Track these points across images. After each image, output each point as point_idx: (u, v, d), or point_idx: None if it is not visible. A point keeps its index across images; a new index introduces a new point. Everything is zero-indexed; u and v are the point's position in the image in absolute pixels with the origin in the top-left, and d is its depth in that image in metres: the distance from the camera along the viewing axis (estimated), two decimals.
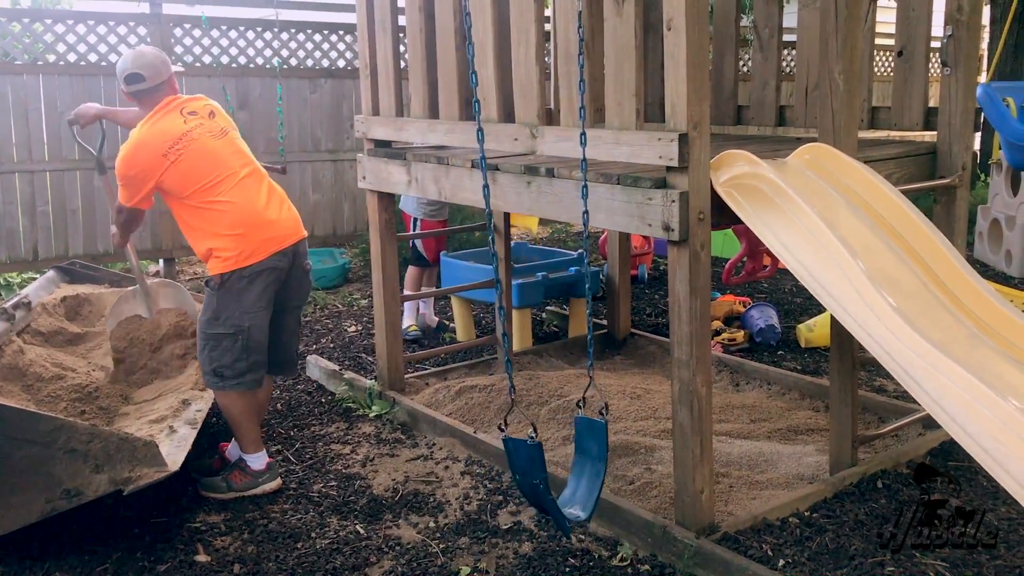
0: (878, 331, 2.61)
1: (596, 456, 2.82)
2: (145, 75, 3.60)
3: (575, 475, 2.86)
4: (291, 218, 3.69)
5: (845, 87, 3.29)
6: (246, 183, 3.59)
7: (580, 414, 2.86)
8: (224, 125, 3.72)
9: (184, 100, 3.70)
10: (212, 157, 3.54)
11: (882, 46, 11.70)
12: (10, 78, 7.01)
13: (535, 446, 2.62)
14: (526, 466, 2.66)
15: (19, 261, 7.21)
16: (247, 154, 3.72)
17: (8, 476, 2.96)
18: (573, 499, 2.79)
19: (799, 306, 6.53)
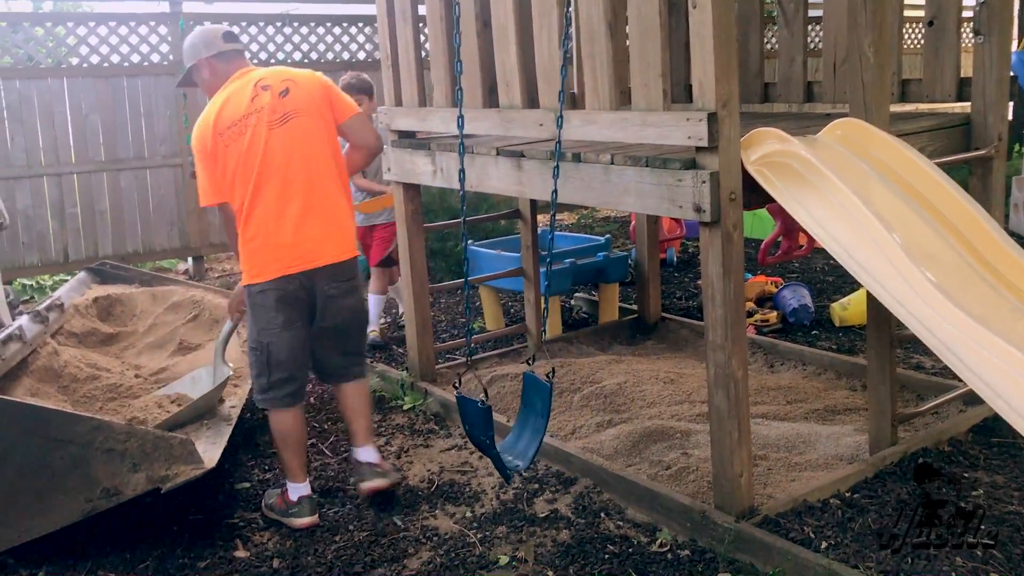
0: (917, 307, 2.56)
1: (539, 412, 2.95)
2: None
3: (518, 427, 3.01)
4: (312, 241, 3.24)
5: (876, 60, 3.22)
6: (275, 188, 3.21)
7: (528, 371, 2.99)
8: (295, 107, 3.26)
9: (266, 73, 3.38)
10: (255, 152, 3.19)
11: (910, 17, 11.53)
12: (35, 82, 7.07)
13: (484, 409, 2.85)
14: (475, 422, 2.90)
15: (50, 264, 7.28)
16: (302, 152, 3.24)
17: (48, 477, 2.99)
18: (514, 449, 2.96)
19: (831, 284, 6.45)
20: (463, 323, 5.97)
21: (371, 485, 3.43)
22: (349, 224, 3.39)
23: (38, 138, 7.13)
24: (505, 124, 3.69)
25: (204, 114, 3.29)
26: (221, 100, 3.27)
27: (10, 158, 7.03)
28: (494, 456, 2.90)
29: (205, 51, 3.38)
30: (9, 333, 3.69)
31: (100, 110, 7.33)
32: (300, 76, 3.37)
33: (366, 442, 3.49)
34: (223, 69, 3.37)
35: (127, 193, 7.51)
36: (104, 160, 7.40)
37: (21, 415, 2.99)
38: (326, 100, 3.36)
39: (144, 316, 4.61)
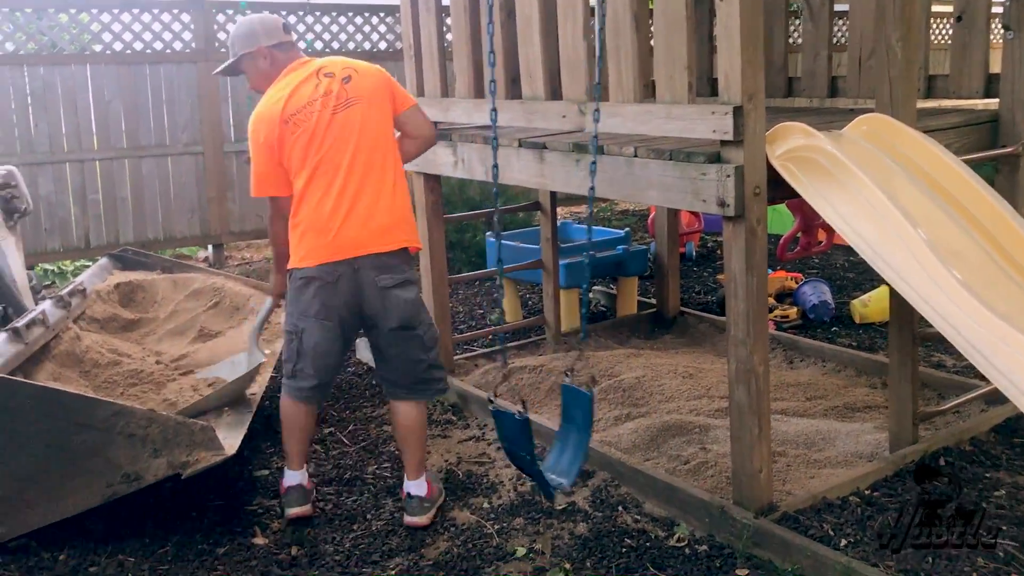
0: (943, 305, 2.54)
1: (581, 426, 2.86)
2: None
3: (559, 442, 2.92)
4: (360, 228, 3.12)
5: (903, 55, 3.19)
6: (328, 175, 3.12)
7: (567, 382, 2.89)
8: (357, 93, 3.19)
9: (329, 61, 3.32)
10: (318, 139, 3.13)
11: (937, 12, 11.42)
12: (58, 68, 7.10)
13: (522, 420, 2.72)
14: (512, 436, 2.78)
15: (72, 249, 7.32)
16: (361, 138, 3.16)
17: (69, 461, 3.01)
18: (557, 465, 2.87)
19: (852, 281, 6.41)
20: (481, 314, 5.97)
21: (411, 520, 3.26)
22: (401, 215, 3.22)
23: (61, 124, 7.16)
24: (527, 115, 3.67)
25: (266, 103, 3.20)
26: (287, 89, 3.18)
27: (33, 144, 7.07)
28: (536, 474, 2.78)
29: (266, 40, 3.29)
30: (32, 318, 3.71)
31: (122, 97, 7.36)
32: (361, 65, 3.31)
33: (414, 476, 3.30)
34: (282, 59, 3.29)
35: (148, 180, 7.54)
36: (126, 147, 7.43)
37: (43, 399, 3.01)
38: (387, 89, 3.30)
39: (165, 303, 4.63)
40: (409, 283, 3.20)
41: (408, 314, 3.18)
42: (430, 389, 3.32)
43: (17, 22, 7.02)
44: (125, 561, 3.08)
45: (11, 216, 4.41)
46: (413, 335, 3.22)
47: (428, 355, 3.26)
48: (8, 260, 4.27)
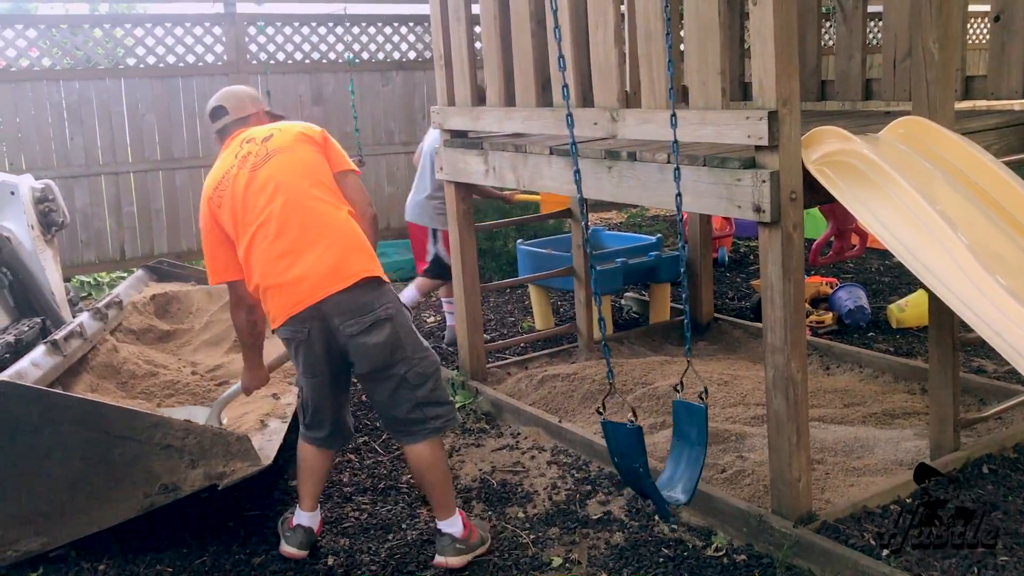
0: (986, 310, 2.50)
1: (695, 440, 2.77)
2: (228, 106, 3.30)
3: (673, 459, 2.82)
4: (311, 274, 2.90)
5: (940, 56, 3.15)
6: (266, 229, 2.96)
7: (678, 398, 2.81)
8: (277, 146, 3.07)
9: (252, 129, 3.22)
10: (239, 200, 3.02)
11: (974, 12, 11.28)
12: (94, 83, 7.21)
13: (635, 430, 2.63)
14: (625, 449, 2.67)
15: (107, 261, 7.42)
16: (287, 181, 3.00)
17: (108, 472, 3.04)
18: (672, 482, 2.76)
19: (888, 285, 6.33)
20: (512, 322, 5.96)
21: (438, 560, 3.07)
22: (350, 244, 2.96)
23: (96, 137, 7.27)
24: (558, 123, 3.66)
25: (202, 194, 3.20)
26: (213, 170, 3.18)
27: (69, 157, 7.18)
28: (650, 487, 2.69)
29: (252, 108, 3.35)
30: (70, 330, 3.76)
31: (156, 110, 7.45)
32: (288, 124, 3.21)
33: (443, 515, 3.09)
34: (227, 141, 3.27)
35: (182, 191, 7.62)
36: (160, 159, 7.52)
37: (82, 411, 3.04)
38: (315, 140, 3.15)
39: (200, 314, 4.67)
40: (380, 323, 2.91)
41: (376, 358, 2.93)
42: (423, 429, 3.01)
43: (53, 38, 7.13)
44: (163, 571, 3.09)
45: (49, 229, 4.47)
46: (388, 375, 2.96)
47: (415, 393, 2.98)
48: (46, 273, 4.33)
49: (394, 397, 3.00)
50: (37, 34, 7.05)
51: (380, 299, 2.94)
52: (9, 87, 6.94)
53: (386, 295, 2.98)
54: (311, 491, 3.20)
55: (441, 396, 3.07)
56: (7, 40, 6.91)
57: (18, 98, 6.98)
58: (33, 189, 4.45)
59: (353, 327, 2.90)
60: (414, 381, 2.98)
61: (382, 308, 2.93)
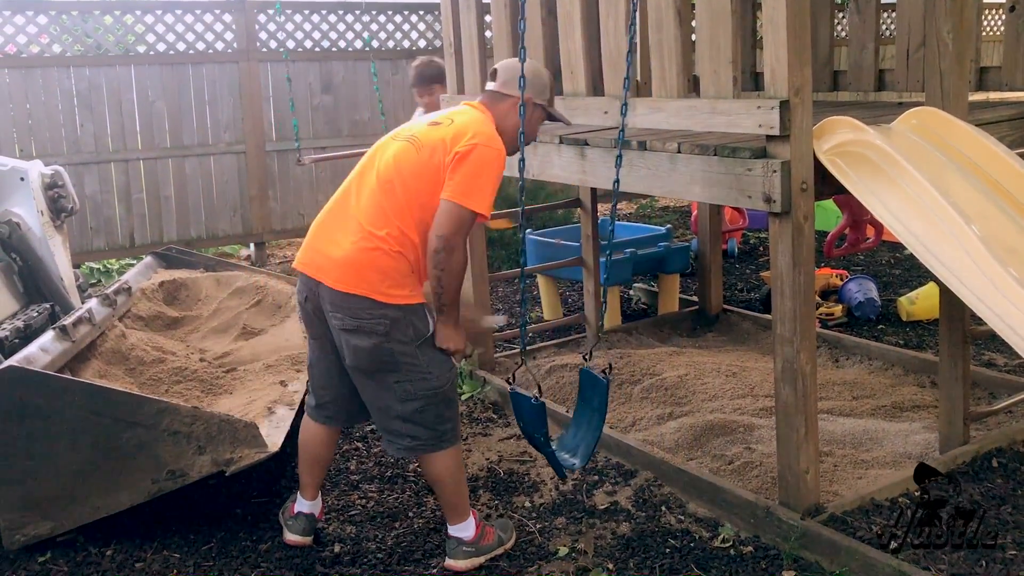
0: (998, 303, 2.48)
1: (596, 408, 2.92)
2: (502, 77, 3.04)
3: (575, 423, 3.00)
4: (319, 252, 2.88)
5: (955, 47, 3.12)
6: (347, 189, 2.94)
7: (585, 366, 2.97)
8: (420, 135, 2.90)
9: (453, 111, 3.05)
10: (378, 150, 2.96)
11: (989, 3, 11.21)
12: (104, 70, 7.21)
13: (539, 405, 2.84)
14: (528, 419, 2.89)
15: (117, 248, 7.43)
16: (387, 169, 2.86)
17: (116, 458, 3.04)
18: (573, 445, 2.94)
19: (898, 278, 6.30)
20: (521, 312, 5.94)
21: (447, 563, 3.03)
22: (369, 265, 2.79)
23: (106, 124, 7.27)
24: (568, 112, 3.63)
25: None
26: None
27: (79, 144, 7.18)
28: (548, 454, 2.90)
29: (538, 97, 3.05)
30: (79, 316, 3.76)
31: (166, 97, 7.45)
32: (462, 123, 2.90)
33: (453, 522, 3.04)
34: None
35: (191, 179, 7.62)
36: (169, 146, 7.52)
37: (91, 397, 3.04)
38: (449, 157, 2.82)
39: (209, 301, 4.67)
40: (367, 334, 2.81)
41: (360, 360, 2.85)
42: (397, 443, 2.94)
43: (63, 24, 7.13)
44: (170, 557, 3.10)
45: (58, 215, 4.47)
46: (374, 377, 2.89)
47: (401, 406, 2.88)
48: (56, 259, 4.33)
49: (379, 397, 2.92)
50: (48, 20, 7.04)
51: (374, 313, 2.80)
52: (20, 73, 6.94)
53: (384, 315, 2.80)
54: (312, 480, 3.18)
55: (427, 420, 2.90)
56: (17, 26, 6.91)
57: (28, 84, 6.99)
58: (43, 175, 4.45)
59: (337, 320, 2.84)
60: (400, 395, 2.88)
61: (373, 321, 2.80)
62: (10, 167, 4.39)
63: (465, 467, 3.68)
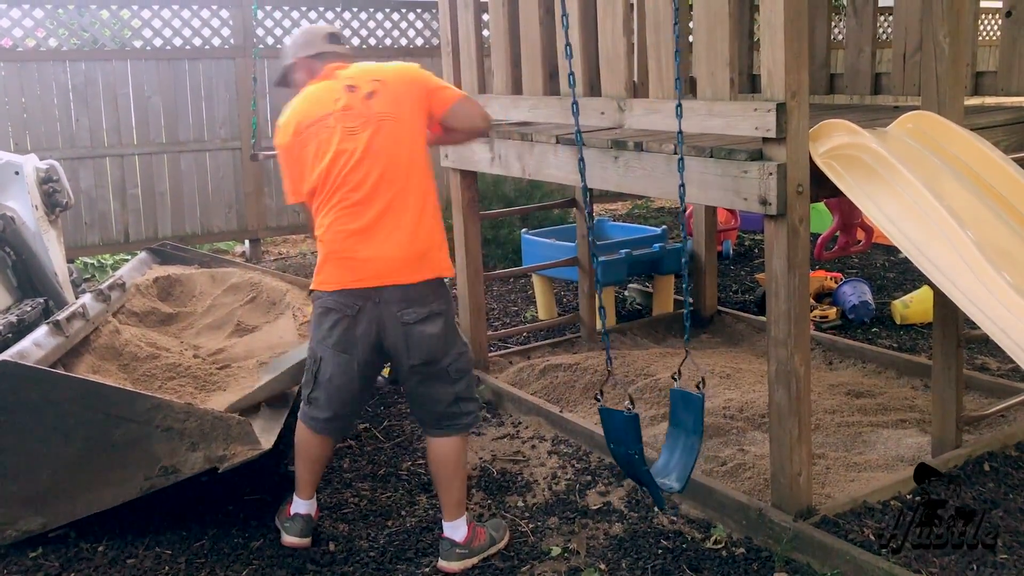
0: (991, 307, 2.49)
1: (691, 429, 2.77)
2: (342, 37, 3.21)
3: (669, 447, 2.83)
4: (379, 259, 2.87)
5: (951, 51, 3.13)
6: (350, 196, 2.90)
7: (676, 386, 2.82)
8: (382, 110, 2.93)
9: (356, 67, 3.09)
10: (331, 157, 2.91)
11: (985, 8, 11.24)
12: (100, 64, 7.18)
13: (631, 417, 2.64)
14: (621, 436, 2.68)
15: (111, 243, 7.41)
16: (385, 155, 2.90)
17: (108, 454, 3.03)
18: (667, 470, 2.78)
19: (892, 281, 6.31)
20: (515, 311, 5.95)
21: (441, 564, 3.01)
22: (429, 242, 2.93)
23: (102, 119, 7.25)
24: (565, 112, 3.64)
25: (287, 111, 3.04)
26: (304, 97, 3.04)
27: (75, 139, 7.16)
28: (644, 474, 2.71)
29: (303, 50, 3.14)
30: (73, 311, 3.74)
31: (162, 92, 7.43)
32: (391, 74, 3.02)
33: (450, 516, 3.05)
34: (319, 69, 3.10)
35: (187, 175, 7.61)
36: (165, 142, 7.50)
37: (84, 392, 3.04)
38: (421, 98, 3.00)
39: (203, 297, 4.66)
40: (435, 316, 2.92)
41: (432, 349, 2.93)
42: (457, 424, 3.02)
43: (60, 18, 7.11)
44: (162, 554, 3.10)
45: (53, 210, 4.45)
46: (437, 369, 2.96)
47: (454, 387, 2.99)
48: (49, 254, 4.32)
49: (439, 390, 2.99)
50: (44, 14, 7.02)
51: (438, 292, 2.95)
52: (15, 67, 6.92)
53: (443, 289, 2.99)
54: (308, 479, 3.17)
55: (474, 392, 3.10)
56: (14, 20, 6.88)
57: (24, 78, 6.96)
58: (37, 169, 4.44)
59: (411, 315, 2.89)
60: (455, 376, 3.00)
61: (437, 302, 2.94)
62: (4, 161, 4.37)
63: None
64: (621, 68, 3.37)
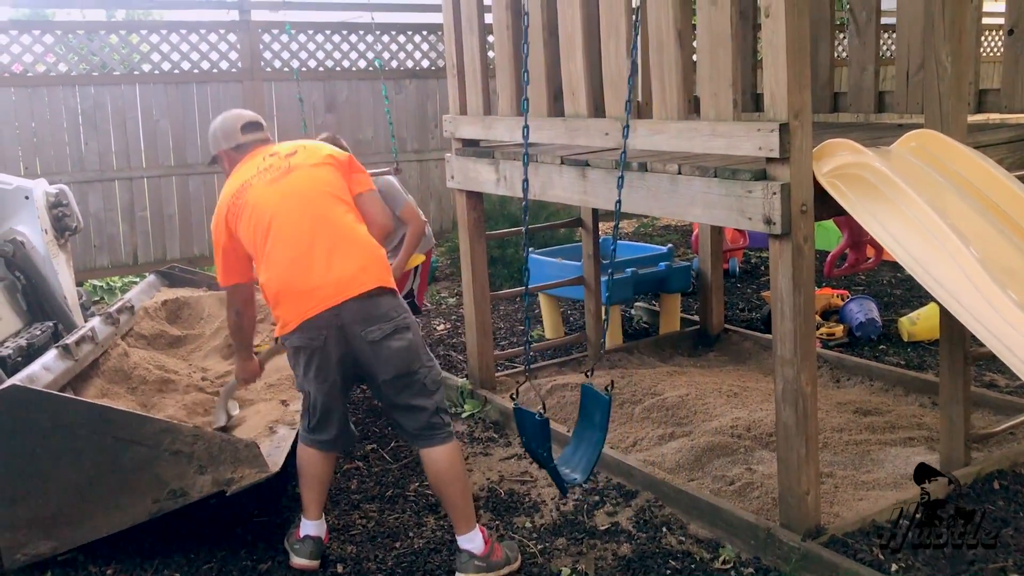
0: (996, 325, 2.49)
1: (597, 424, 2.95)
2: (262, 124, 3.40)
3: (576, 438, 3.04)
4: (328, 278, 2.93)
5: (953, 70, 3.15)
6: (286, 239, 2.99)
7: (587, 383, 3.01)
8: (300, 161, 3.14)
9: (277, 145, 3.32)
10: (259, 209, 3.05)
11: (988, 25, 11.26)
12: (109, 88, 7.26)
13: (543, 421, 2.86)
14: (531, 435, 2.91)
15: (120, 266, 7.46)
16: (307, 194, 3.06)
17: (118, 477, 3.04)
18: (572, 460, 2.98)
19: (899, 298, 6.30)
20: (522, 330, 5.96)
21: None
22: (367, 259, 3.00)
23: (111, 142, 7.31)
24: (570, 133, 3.67)
25: (218, 201, 3.22)
26: (231, 182, 3.20)
27: (84, 162, 7.22)
28: (551, 469, 2.92)
29: (224, 143, 3.34)
30: (82, 335, 3.77)
31: (170, 115, 7.50)
32: (312, 144, 3.29)
33: (462, 529, 3.04)
34: (240, 157, 3.29)
35: (195, 197, 7.66)
36: (173, 164, 7.56)
37: (92, 416, 3.05)
38: (339, 163, 3.21)
39: (211, 319, 4.69)
40: (401, 330, 2.98)
41: (402, 363, 2.98)
42: (436, 436, 3.05)
43: (70, 43, 7.18)
44: None
45: (62, 234, 4.49)
46: (411, 381, 3.02)
47: (430, 400, 3.04)
48: (59, 277, 4.35)
49: (416, 402, 3.04)
50: (54, 40, 7.10)
51: (397, 308, 3.02)
52: (25, 92, 7.00)
53: (401, 304, 3.06)
54: (316, 499, 3.20)
55: (445, 405, 3.18)
56: (24, 46, 6.96)
57: (34, 103, 7.03)
58: (47, 194, 4.48)
59: (376, 333, 2.95)
60: (431, 387, 3.07)
61: (400, 317, 3.01)
62: (15, 186, 4.42)
63: None
64: (625, 89, 3.38)
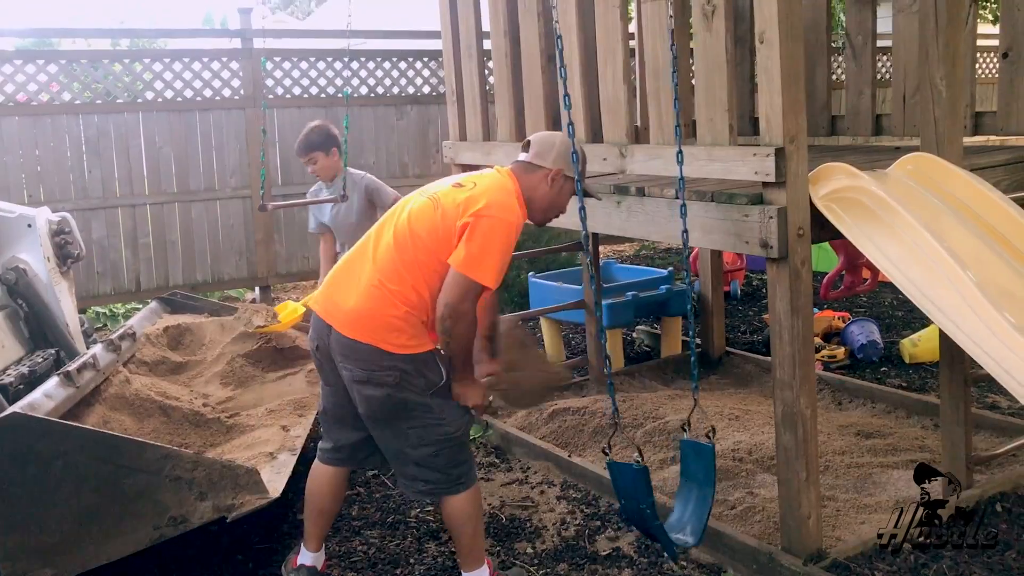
0: (995, 348, 2.49)
1: (703, 480, 2.75)
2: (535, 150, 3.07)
3: (681, 499, 2.81)
4: (332, 301, 2.90)
5: (948, 93, 3.16)
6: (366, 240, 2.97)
7: (685, 437, 2.80)
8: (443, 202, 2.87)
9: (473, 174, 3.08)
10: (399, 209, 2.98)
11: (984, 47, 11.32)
12: (112, 116, 7.30)
13: (641, 470, 2.60)
14: (631, 490, 2.64)
15: (123, 292, 7.47)
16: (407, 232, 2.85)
17: (118, 504, 3.04)
18: (681, 523, 2.74)
19: (901, 320, 6.30)
20: None
21: None
22: (373, 314, 2.80)
23: (114, 170, 7.35)
24: None
25: None
26: None
27: (87, 190, 7.26)
28: (657, 529, 2.66)
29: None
30: (83, 361, 3.78)
31: (173, 143, 7.54)
32: (483, 188, 2.89)
33: (466, 569, 3.00)
34: None
35: (198, 223, 7.69)
36: (176, 191, 7.59)
37: (93, 443, 3.05)
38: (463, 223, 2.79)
39: (212, 345, 4.69)
40: (378, 385, 2.81)
41: (373, 410, 2.87)
42: (410, 487, 2.95)
43: (73, 72, 7.24)
44: None
45: (64, 261, 4.51)
46: (389, 424, 2.89)
47: (410, 450, 2.89)
48: (61, 305, 4.37)
49: (390, 443, 2.94)
50: (58, 69, 7.15)
51: (383, 364, 2.81)
52: (29, 121, 7.04)
53: (393, 366, 2.80)
54: (315, 531, 3.16)
55: (439, 464, 2.89)
56: (28, 75, 7.02)
57: (38, 131, 7.08)
58: (50, 222, 4.50)
59: (348, 371, 2.86)
60: (413, 441, 2.88)
61: (383, 373, 2.81)
62: (17, 214, 4.44)
63: None
64: (622, 114, 3.41)
